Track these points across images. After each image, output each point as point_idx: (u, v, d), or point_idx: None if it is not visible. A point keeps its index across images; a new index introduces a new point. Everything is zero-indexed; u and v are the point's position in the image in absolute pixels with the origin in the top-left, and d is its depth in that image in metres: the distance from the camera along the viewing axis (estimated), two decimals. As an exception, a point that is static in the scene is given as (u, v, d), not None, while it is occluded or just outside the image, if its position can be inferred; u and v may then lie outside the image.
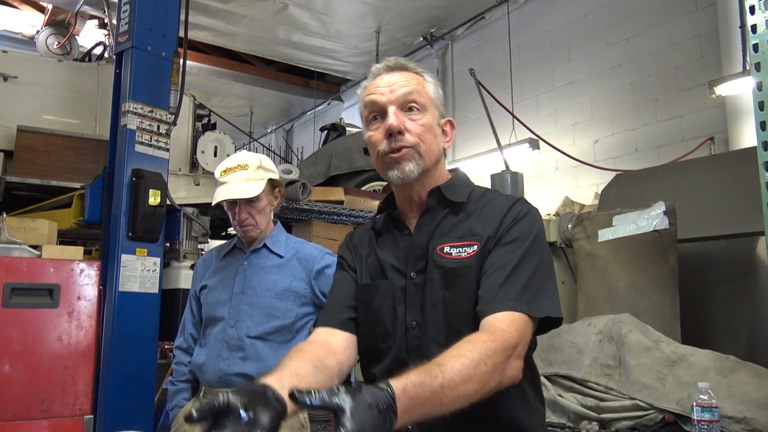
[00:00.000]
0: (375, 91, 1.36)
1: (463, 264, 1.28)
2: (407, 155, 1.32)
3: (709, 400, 2.05)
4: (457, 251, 1.30)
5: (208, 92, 9.70)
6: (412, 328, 1.31)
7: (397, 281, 1.35)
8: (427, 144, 1.34)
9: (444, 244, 1.32)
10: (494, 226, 1.30)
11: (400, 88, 1.34)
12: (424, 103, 1.35)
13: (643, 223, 2.91)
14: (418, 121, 1.33)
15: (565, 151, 5.89)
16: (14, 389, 2.57)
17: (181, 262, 3.89)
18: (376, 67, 1.41)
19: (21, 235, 2.86)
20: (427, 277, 1.31)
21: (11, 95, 4.11)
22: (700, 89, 5.07)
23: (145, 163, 3.13)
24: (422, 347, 1.28)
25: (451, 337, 1.22)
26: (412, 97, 1.34)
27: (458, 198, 1.37)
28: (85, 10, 6.90)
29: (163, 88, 3.30)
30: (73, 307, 2.80)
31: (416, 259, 1.34)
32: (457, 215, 1.36)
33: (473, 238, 1.30)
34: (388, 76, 1.37)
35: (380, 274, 1.39)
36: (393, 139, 1.31)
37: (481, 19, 7.53)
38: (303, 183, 4.10)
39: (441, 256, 1.30)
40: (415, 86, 1.35)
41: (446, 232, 1.34)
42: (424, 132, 1.33)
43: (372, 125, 1.37)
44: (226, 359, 2.10)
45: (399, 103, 1.33)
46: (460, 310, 1.26)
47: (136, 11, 3.22)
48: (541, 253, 1.28)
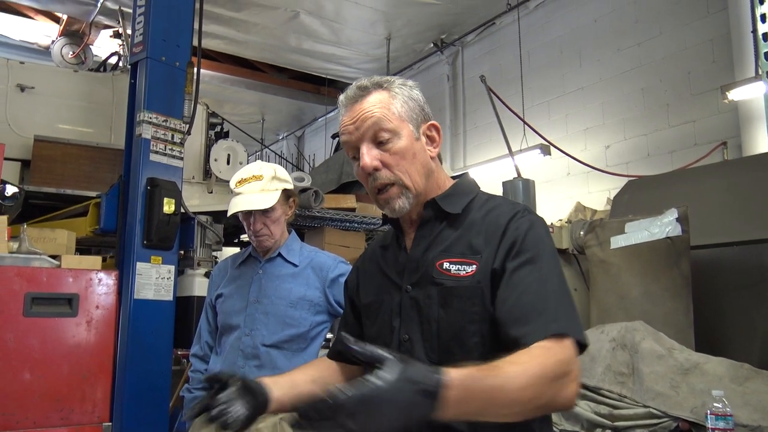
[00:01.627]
0: (345, 131, 1.32)
1: (461, 283, 1.24)
2: (393, 194, 1.29)
3: (724, 409, 2.05)
4: (456, 268, 1.26)
5: (220, 100, 9.77)
6: (404, 342, 1.29)
7: (395, 295, 1.34)
8: (407, 172, 1.29)
9: (444, 259, 1.28)
10: (495, 243, 1.25)
11: (364, 122, 1.28)
12: (393, 127, 1.28)
13: (656, 230, 2.90)
14: (391, 150, 1.28)
15: (577, 157, 5.88)
16: (34, 397, 2.61)
17: (195, 269, 3.92)
18: (340, 99, 1.36)
19: (41, 245, 2.90)
20: (424, 292, 1.28)
21: (28, 105, 4.18)
22: (713, 94, 5.05)
23: (159, 171, 3.17)
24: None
25: (443, 356, 1.23)
26: (379, 125, 1.28)
27: (454, 209, 1.33)
28: (100, 21, 6.98)
29: (177, 97, 3.34)
30: (92, 315, 2.84)
31: (411, 272, 1.32)
32: (455, 228, 1.32)
33: (473, 256, 1.25)
34: (352, 108, 1.32)
35: (382, 289, 1.39)
36: (372, 178, 1.29)
37: (492, 26, 7.54)
38: (315, 191, 4.13)
39: (440, 273, 1.27)
40: (380, 112, 1.28)
41: (446, 247, 1.30)
42: (400, 160, 1.28)
43: (354, 163, 1.34)
44: (241, 368, 2.12)
45: (368, 137, 1.28)
46: (453, 330, 1.23)
47: (150, 22, 3.27)
48: (560, 270, 1.24)
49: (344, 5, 7.09)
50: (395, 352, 1.25)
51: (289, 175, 2.34)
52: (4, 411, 2.52)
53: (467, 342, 1.22)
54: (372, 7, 7.13)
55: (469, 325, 1.22)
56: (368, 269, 1.48)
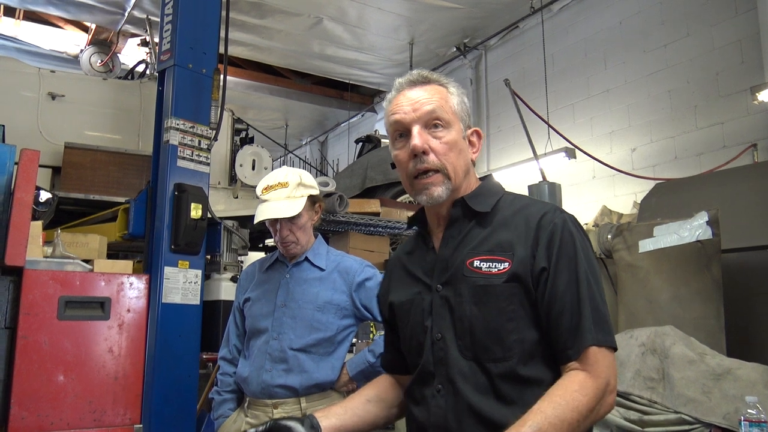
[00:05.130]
0: (398, 110, 1.34)
1: (493, 281, 1.25)
2: (435, 180, 1.31)
3: (758, 415, 2.01)
4: (487, 266, 1.27)
5: (244, 106, 9.87)
6: (437, 341, 1.30)
7: (425, 295, 1.35)
8: (453, 163, 1.32)
9: (474, 257, 1.29)
10: (529, 241, 1.26)
11: (423, 106, 1.32)
12: (449, 119, 1.33)
13: (686, 233, 2.87)
14: (442, 139, 1.31)
15: (602, 160, 5.82)
16: (68, 399, 2.65)
17: (221, 274, 3.97)
18: (399, 81, 1.39)
19: (74, 250, 2.95)
20: (455, 291, 1.29)
21: (59, 113, 4.26)
22: (742, 95, 4.97)
23: (186, 177, 3.20)
24: (447, 360, 1.28)
25: (478, 353, 1.24)
26: (436, 114, 1.31)
27: (483, 208, 1.34)
28: (127, 29, 7.12)
29: (204, 104, 3.38)
30: (123, 319, 2.88)
31: (441, 271, 1.33)
32: (485, 227, 1.33)
33: (504, 254, 1.26)
34: (411, 91, 1.35)
35: (412, 290, 1.40)
36: (418, 160, 1.31)
37: (515, 29, 7.51)
38: (340, 195, 4.15)
39: (471, 271, 1.28)
40: (438, 102, 1.32)
41: (476, 245, 1.31)
42: (448, 150, 1.31)
43: (397, 143, 1.36)
44: (269, 371, 2.13)
45: (423, 121, 1.31)
46: (488, 327, 1.24)
47: (177, 30, 3.31)
48: (595, 271, 1.26)
49: (367, 11, 7.12)
50: (429, 351, 1.28)
51: (315, 180, 2.35)
52: (39, 412, 2.57)
53: (506, 340, 1.23)
54: (395, 12, 7.15)
55: (507, 323, 1.23)
56: (395, 275, 1.49)
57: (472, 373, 1.24)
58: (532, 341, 1.23)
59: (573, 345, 1.18)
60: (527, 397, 1.18)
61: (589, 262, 1.25)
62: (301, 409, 2.11)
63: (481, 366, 1.24)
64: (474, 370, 1.24)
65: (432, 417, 1.28)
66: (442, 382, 1.28)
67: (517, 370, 1.22)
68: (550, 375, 1.23)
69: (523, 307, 1.24)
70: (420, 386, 1.33)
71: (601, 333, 1.19)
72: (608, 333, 1.20)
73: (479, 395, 1.23)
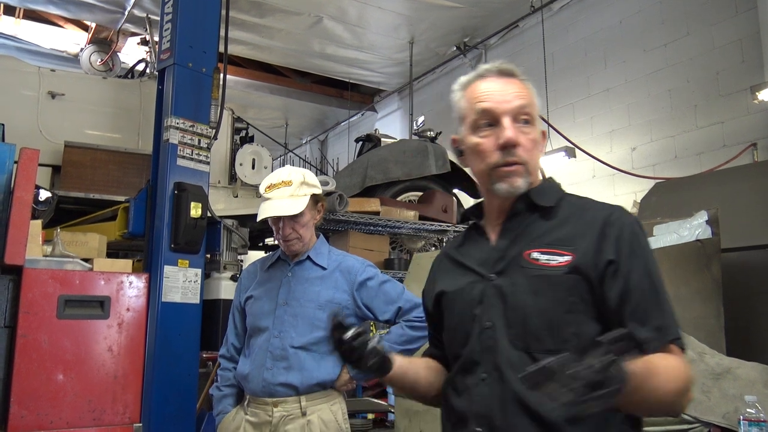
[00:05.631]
0: (488, 98, 1.31)
1: (553, 272, 1.23)
2: (518, 171, 1.29)
3: (757, 414, 2.00)
4: (546, 258, 1.25)
5: (244, 105, 9.87)
6: (486, 328, 1.27)
7: (476, 285, 1.33)
8: (534, 161, 1.32)
9: (533, 249, 1.27)
10: (594, 237, 1.24)
11: (515, 99, 1.30)
12: (534, 116, 1.32)
13: (685, 232, 2.86)
14: (528, 135, 1.30)
15: (602, 159, 5.82)
16: (67, 398, 2.66)
17: (221, 273, 3.97)
18: (485, 68, 1.36)
19: (73, 249, 2.96)
20: (510, 280, 1.27)
21: (58, 112, 4.25)
22: (742, 94, 4.97)
23: (186, 176, 3.20)
24: (496, 348, 1.25)
25: (531, 343, 1.22)
26: (527, 109, 1.31)
27: (547, 202, 1.32)
28: (127, 28, 7.12)
29: (204, 103, 3.38)
30: (123, 318, 2.88)
31: (496, 261, 1.31)
32: (547, 220, 1.31)
33: (566, 247, 1.24)
34: (500, 81, 1.33)
35: (462, 280, 1.37)
36: (507, 153, 1.28)
37: (515, 28, 7.51)
38: (340, 194, 4.15)
39: (529, 262, 1.26)
40: (528, 98, 1.32)
41: (535, 237, 1.29)
42: (532, 147, 1.31)
43: (480, 132, 1.32)
44: (269, 369, 2.13)
45: (513, 114, 1.30)
46: (544, 318, 1.22)
47: (177, 29, 3.31)
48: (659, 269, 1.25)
49: (367, 10, 7.12)
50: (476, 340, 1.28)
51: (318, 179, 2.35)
52: (39, 411, 2.58)
53: (562, 332, 1.21)
54: (395, 11, 7.15)
55: (565, 315, 1.21)
56: (442, 267, 1.48)
57: (522, 364, 1.19)
58: (590, 335, 1.18)
59: (658, 337, 1.16)
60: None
61: (657, 266, 1.24)
62: (301, 407, 2.12)
63: (532, 357, 1.20)
64: (524, 361, 1.20)
65: (474, 405, 1.26)
66: (488, 371, 1.25)
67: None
68: None
69: (583, 301, 1.21)
70: (463, 376, 1.31)
71: (680, 332, 1.19)
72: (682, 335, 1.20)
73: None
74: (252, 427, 2.15)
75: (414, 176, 4.98)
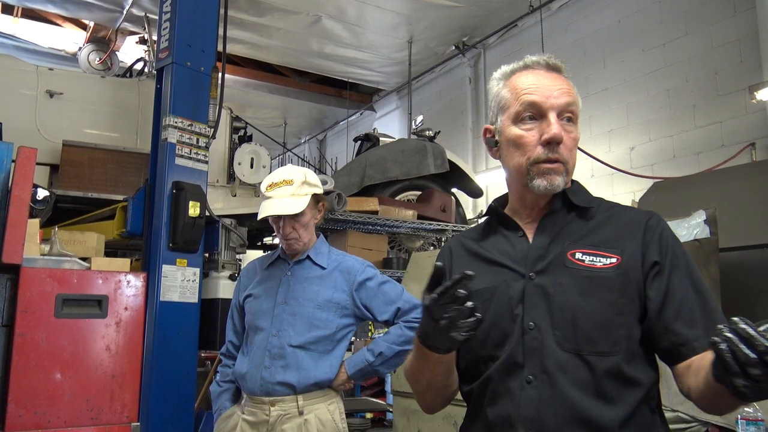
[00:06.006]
0: (536, 92, 1.29)
1: (601, 274, 1.22)
2: (559, 170, 1.27)
3: (755, 414, 2.01)
4: (590, 260, 1.23)
5: (242, 104, 9.87)
6: (529, 329, 1.23)
7: (513, 283, 1.28)
8: (573, 161, 1.30)
9: (576, 249, 1.25)
10: (638, 240, 1.24)
11: (563, 96, 1.28)
12: (577, 116, 1.31)
13: (684, 232, 2.86)
14: (571, 134, 1.29)
15: (601, 159, 5.83)
16: (65, 397, 2.66)
17: (219, 272, 3.97)
18: (532, 59, 1.35)
19: (71, 248, 2.95)
20: (554, 280, 1.24)
21: (57, 111, 4.25)
22: (740, 94, 4.97)
23: (184, 175, 3.20)
24: (542, 350, 1.21)
25: (581, 344, 1.19)
26: (572, 108, 1.29)
27: (584, 203, 1.32)
28: (125, 27, 7.11)
29: (202, 102, 3.38)
30: (121, 317, 2.88)
31: (537, 259, 1.28)
32: (586, 221, 1.30)
33: (611, 250, 1.23)
34: (549, 76, 1.32)
35: (495, 277, 1.32)
36: (551, 149, 1.26)
37: (514, 27, 7.51)
38: (338, 194, 4.15)
39: (573, 262, 1.24)
40: (574, 97, 1.30)
41: (577, 238, 1.27)
42: (574, 147, 1.29)
43: (524, 125, 1.29)
44: (267, 368, 2.13)
45: (559, 110, 1.28)
46: (595, 319, 1.20)
47: (175, 28, 3.31)
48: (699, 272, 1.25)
49: (366, 9, 7.12)
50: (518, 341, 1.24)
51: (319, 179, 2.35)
52: (37, 410, 2.57)
53: (614, 334, 1.19)
54: (394, 10, 7.15)
55: (617, 317, 1.19)
56: (464, 261, 1.40)
57: (573, 366, 1.18)
58: (636, 339, 1.20)
59: (707, 335, 1.10)
60: (628, 398, 1.14)
61: (697, 270, 1.25)
62: (299, 407, 2.11)
63: (583, 359, 1.18)
64: (575, 363, 1.18)
65: (522, 410, 1.20)
66: (535, 373, 1.21)
67: (623, 367, 1.17)
68: (652, 376, 1.20)
69: (633, 303, 1.20)
70: (503, 378, 1.25)
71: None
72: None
73: (577, 389, 1.17)
74: (249, 427, 2.14)
75: (412, 175, 4.99)
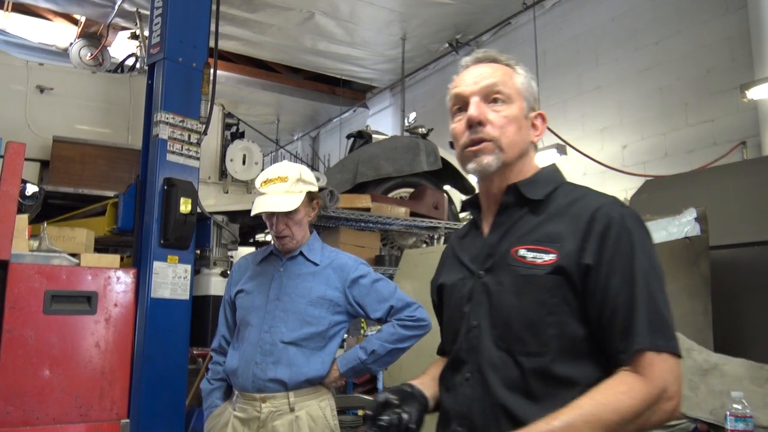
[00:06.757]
0: (460, 84, 1.32)
1: (536, 271, 1.19)
2: (486, 148, 1.26)
3: (744, 410, 2.02)
4: (532, 256, 1.21)
5: (235, 100, 9.84)
6: (473, 328, 1.26)
7: (467, 281, 1.31)
8: (509, 137, 1.27)
9: (520, 246, 1.23)
10: (580, 233, 1.18)
11: (484, 80, 1.30)
12: (510, 94, 1.30)
13: (674, 229, 2.87)
14: (501, 112, 1.28)
15: (593, 157, 5.84)
16: (54, 393, 2.64)
17: (211, 269, 3.95)
18: (465, 59, 1.37)
19: (60, 244, 2.93)
20: (496, 279, 1.25)
21: (47, 106, 4.22)
22: (732, 93, 5.00)
23: (176, 171, 3.18)
24: (479, 348, 1.24)
25: (513, 344, 1.20)
26: (497, 88, 1.29)
27: (536, 195, 1.28)
28: (117, 22, 7.07)
29: (194, 98, 3.36)
30: (110, 313, 2.86)
31: (485, 258, 1.29)
32: (537, 215, 1.27)
33: (552, 245, 1.20)
34: (476, 68, 1.34)
35: (458, 274, 1.36)
36: (473, 131, 1.27)
37: (507, 25, 7.52)
38: (330, 191, 4.14)
39: (516, 259, 1.22)
40: (501, 77, 1.30)
41: (524, 234, 1.25)
42: (507, 124, 1.28)
43: (455, 117, 1.33)
44: (259, 364, 2.13)
45: (483, 94, 1.29)
46: (526, 319, 1.19)
47: (167, 23, 3.28)
48: (656, 270, 1.17)
49: (359, 6, 7.11)
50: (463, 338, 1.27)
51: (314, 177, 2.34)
52: (25, 407, 2.55)
53: (543, 334, 1.17)
54: (387, 7, 7.14)
55: (546, 317, 1.17)
56: (448, 260, 1.46)
57: (503, 365, 1.20)
58: (573, 338, 1.17)
59: (624, 348, 1.11)
60: (559, 397, 1.12)
61: (650, 261, 1.17)
62: (289, 404, 2.11)
63: (514, 358, 1.19)
64: (505, 362, 1.20)
65: (457, 405, 1.26)
66: (472, 371, 1.24)
67: (551, 367, 1.16)
68: (597, 375, 1.15)
69: (566, 302, 1.17)
70: (452, 373, 1.30)
71: (660, 337, 1.10)
72: (668, 338, 1.11)
73: (506, 389, 1.19)
74: (240, 423, 2.14)
75: (405, 173, 4.98)
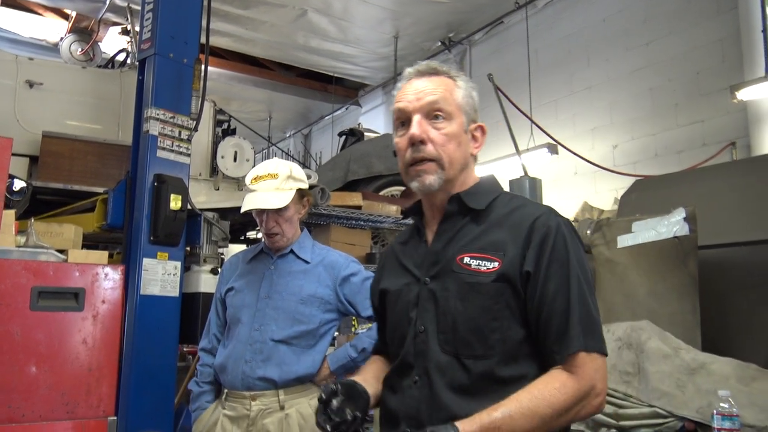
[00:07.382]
0: (403, 98, 1.36)
1: (481, 279, 1.26)
2: (428, 169, 1.31)
3: (730, 409, 2.03)
4: (476, 264, 1.27)
5: (227, 97, 9.79)
6: (420, 333, 1.31)
7: (413, 287, 1.36)
8: (450, 155, 1.32)
9: (465, 254, 1.29)
10: (521, 242, 1.26)
11: (426, 96, 1.33)
12: (451, 111, 1.34)
13: (663, 229, 2.89)
14: (442, 130, 1.32)
15: (584, 156, 5.86)
16: (40, 390, 2.61)
17: (201, 266, 3.94)
18: (407, 71, 1.40)
19: (48, 240, 2.91)
20: (442, 285, 1.30)
21: (37, 101, 4.18)
22: (722, 93, 5.02)
23: (166, 168, 3.17)
24: (427, 352, 1.29)
25: (459, 348, 1.25)
26: (438, 105, 1.33)
27: (478, 205, 1.35)
28: (108, 18, 7.02)
29: (185, 94, 3.34)
30: (98, 310, 2.84)
31: (431, 265, 1.34)
32: (478, 224, 1.33)
33: (495, 253, 1.27)
34: (418, 81, 1.36)
35: (401, 281, 1.40)
36: (415, 149, 1.32)
37: (500, 24, 7.52)
38: (322, 188, 4.13)
39: (461, 267, 1.29)
40: (442, 93, 1.34)
41: (468, 242, 1.32)
42: (446, 142, 1.32)
43: (399, 131, 1.37)
44: (248, 362, 2.12)
45: (424, 111, 1.32)
46: (473, 324, 1.25)
47: (158, 19, 3.27)
48: (587, 277, 1.26)
49: (352, 3, 7.09)
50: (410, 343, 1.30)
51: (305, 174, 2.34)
52: (10, 404, 2.53)
53: (488, 338, 1.24)
54: (380, 5, 7.12)
55: (491, 322, 1.24)
56: (389, 264, 1.50)
57: (450, 369, 1.25)
58: (516, 341, 1.24)
59: (560, 350, 1.20)
60: (504, 397, 1.18)
61: (582, 268, 1.26)
62: (279, 402, 2.11)
63: (460, 362, 1.25)
64: (452, 366, 1.25)
65: (405, 407, 1.30)
66: (420, 374, 1.29)
67: (496, 370, 1.23)
68: (535, 373, 1.23)
69: (509, 308, 1.24)
70: (398, 376, 1.35)
71: (591, 339, 1.20)
72: (597, 339, 1.22)
73: (453, 391, 1.24)
74: (230, 422, 2.13)
75: (396, 171, 4.94)
